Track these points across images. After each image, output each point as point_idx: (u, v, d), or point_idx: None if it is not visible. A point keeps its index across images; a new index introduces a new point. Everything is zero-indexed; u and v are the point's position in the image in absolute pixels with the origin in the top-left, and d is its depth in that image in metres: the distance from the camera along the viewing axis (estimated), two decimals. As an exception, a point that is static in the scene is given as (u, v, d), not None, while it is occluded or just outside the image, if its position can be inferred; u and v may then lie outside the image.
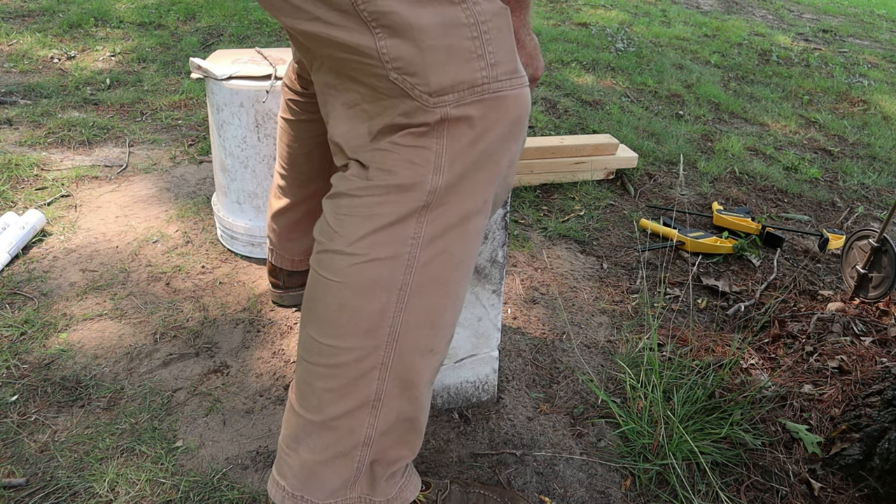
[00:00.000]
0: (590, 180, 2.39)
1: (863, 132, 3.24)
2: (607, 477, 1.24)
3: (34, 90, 2.74)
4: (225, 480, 1.17)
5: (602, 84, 3.49)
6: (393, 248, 0.83)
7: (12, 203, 1.94)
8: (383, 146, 0.82)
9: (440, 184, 0.82)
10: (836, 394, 1.43)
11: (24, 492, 1.12)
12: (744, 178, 2.60)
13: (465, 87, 0.79)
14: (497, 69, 0.80)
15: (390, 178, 0.82)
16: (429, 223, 0.83)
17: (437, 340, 0.89)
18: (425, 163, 0.81)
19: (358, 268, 0.83)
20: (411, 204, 0.82)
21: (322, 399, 0.87)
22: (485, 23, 0.78)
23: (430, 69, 0.77)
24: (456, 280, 0.87)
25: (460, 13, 0.77)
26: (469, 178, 0.83)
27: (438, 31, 0.76)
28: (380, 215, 0.82)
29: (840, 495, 1.22)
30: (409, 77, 0.78)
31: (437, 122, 0.80)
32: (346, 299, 0.84)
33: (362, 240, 0.83)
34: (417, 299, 0.85)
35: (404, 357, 0.86)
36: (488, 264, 1.22)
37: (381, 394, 0.87)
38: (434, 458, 1.24)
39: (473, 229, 0.86)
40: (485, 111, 0.80)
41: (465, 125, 0.80)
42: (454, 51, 0.77)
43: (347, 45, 0.78)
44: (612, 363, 1.53)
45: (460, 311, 0.93)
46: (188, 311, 1.59)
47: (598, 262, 1.94)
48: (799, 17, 5.92)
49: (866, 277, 1.76)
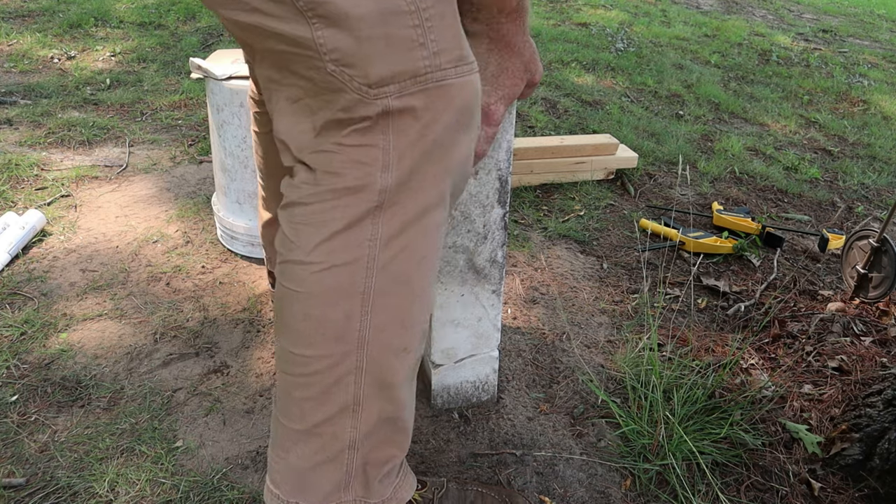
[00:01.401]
0: (590, 180, 2.39)
1: (863, 132, 3.24)
2: (607, 477, 1.24)
3: (34, 90, 2.74)
4: (225, 480, 1.17)
5: (602, 84, 3.49)
6: (350, 253, 0.81)
7: (12, 203, 1.94)
8: (328, 147, 0.79)
9: (390, 181, 0.79)
10: (836, 394, 1.43)
11: (24, 492, 1.12)
12: (744, 178, 2.60)
13: (406, 77, 0.76)
14: (441, 57, 0.77)
15: (338, 181, 0.79)
16: (384, 223, 0.81)
17: (410, 339, 0.88)
18: (373, 161, 0.79)
19: (317, 276, 0.82)
20: (363, 206, 0.80)
21: (303, 408, 0.87)
22: (426, 9, 0.75)
23: (368, 60, 0.75)
24: (420, 276, 0.86)
25: (400, 1, 0.74)
26: (420, 172, 0.81)
27: (377, 20, 0.73)
28: (332, 220, 0.80)
29: (840, 495, 1.22)
30: (348, 69, 0.75)
31: (380, 116, 0.77)
32: (310, 309, 0.83)
33: (318, 247, 0.81)
34: (382, 300, 0.84)
35: (378, 359, 0.86)
36: (488, 264, 1.22)
37: (360, 397, 0.87)
38: (434, 458, 1.24)
39: (433, 223, 0.84)
40: (429, 101, 0.78)
41: (409, 117, 0.78)
42: (394, 40, 0.74)
43: (285, 36, 0.75)
44: (612, 363, 1.53)
45: (431, 306, 0.92)
46: (188, 311, 1.59)
47: (598, 262, 1.94)
48: (799, 17, 5.92)
49: (866, 277, 1.76)
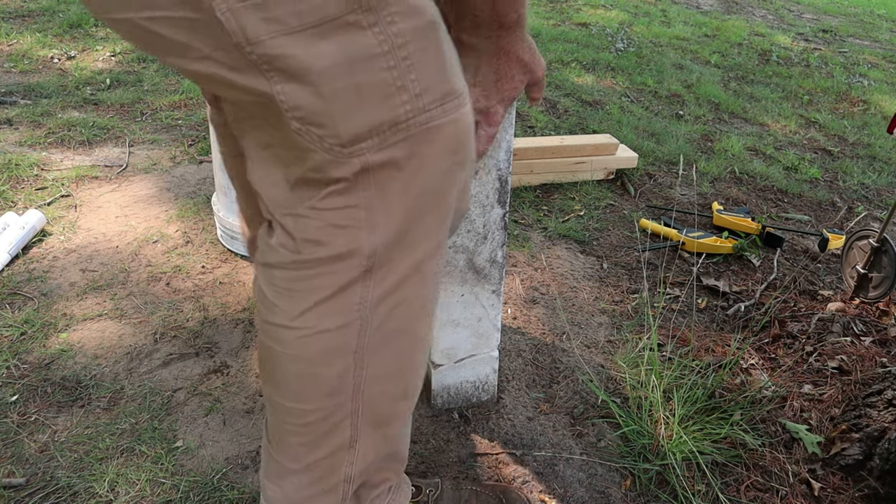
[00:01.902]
0: (590, 180, 2.39)
1: (863, 132, 3.24)
2: (607, 477, 1.24)
3: (34, 90, 2.74)
4: (225, 480, 1.17)
5: (602, 84, 3.49)
6: (341, 318, 0.75)
7: (12, 203, 1.94)
8: (304, 212, 0.71)
9: (379, 242, 0.72)
10: (836, 394, 1.43)
11: (24, 492, 1.12)
12: (744, 178, 2.60)
13: (385, 127, 0.67)
14: (424, 98, 0.68)
15: (321, 251, 0.72)
16: (376, 285, 0.74)
17: (409, 385, 0.85)
18: (356, 223, 0.70)
19: (307, 340, 0.76)
20: (352, 272, 0.73)
21: (298, 451, 0.85)
22: (403, 46, 0.65)
23: (338, 118, 0.65)
24: (422, 324, 0.81)
25: (371, 39, 0.63)
26: (414, 225, 0.73)
27: (343, 71, 0.63)
28: (318, 288, 0.73)
29: (840, 495, 1.22)
30: (315, 128, 0.66)
31: (358, 174, 0.68)
32: (301, 369, 0.79)
33: (306, 314, 0.75)
34: (379, 355, 0.79)
35: (373, 405, 0.83)
36: (488, 264, 1.22)
37: (356, 437, 0.84)
38: (434, 458, 1.24)
39: (430, 272, 0.78)
40: (415, 148, 0.69)
41: (392, 169, 0.69)
42: (366, 90, 0.65)
43: (245, 89, 0.65)
44: (612, 363, 1.53)
45: (430, 343, 0.88)
46: (188, 311, 1.59)
47: (598, 262, 1.94)
48: (799, 17, 5.91)
49: (866, 277, 1.76)
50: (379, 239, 0.72)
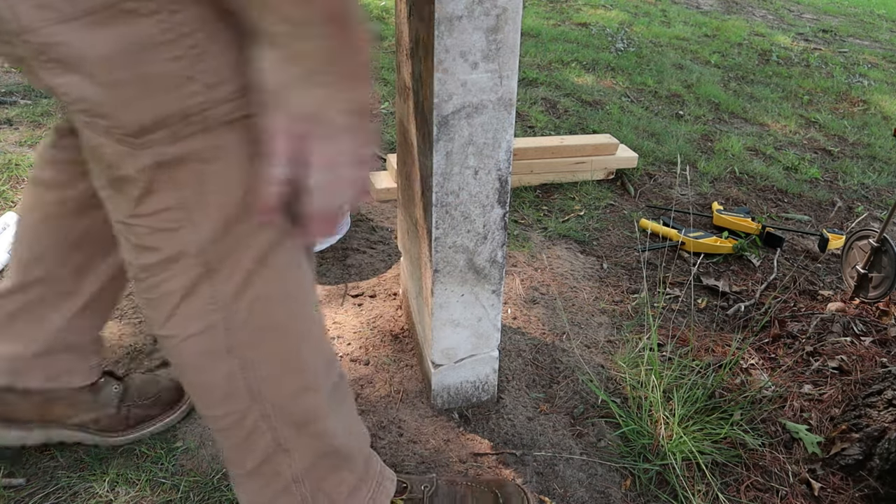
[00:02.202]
0: (590, 180, 2.39)
1: (863, 132, 3.24)
2: (607, 477, 1.24)
3: (34, 90, 2.73)
4: (225, 480, 1.17)
5: (602, 84, 3.49)
6: (200, 322, 0.75)
7: (12, 203, 1.94)
8: (129, 220, 0.71)
9: (204, 239, 0.70)
10: (836, 394, 1.43)
11: (24, 492, 1.12)
12: (744, 178, 2.60)
13: (175, 119, 0.64)
14: (219, 90, 0.64)
15: (153, 255, 0.72)
16: (223, 283, 0.73)
17: (307, 378, 0.83)
18: (177, 224, 0.69)
19: (181, 347, 0.77)
20: (191, 273, 0.72)
21: (235, 457, 0.86)
22: (189, 34, 0.61)
23: (121, 108, 0.63)
24: (291, 318, 0.79)
25: (152, 28, 0.60)
26: (238, 219, 0.71)
27: (124, 60, 0.60)
28: (169, 294, 0.74)
29: (840, 495, 1.22)
30: (101, 119, 0.64)
31: (156, 169, 0.66)
32: (190, 377, 0.81)
33: (169, 321, 0.76)
34: (257, 352, 0.78)
35: (281, 405, 0.82)
36: (488, 264, 1.22)
37: (280, 440, 0.84)
38: (434, 458, 1.24)
39: (280, 264, 0.75)
40: (217, 141, 0.67)
41: (196, 163, 0.67)
42: (150, 79, 0.62)
43: (42, 82, 0.64)
44: (612, 363, 1.53)
45: (320, 336, 0.86)
46: (188, 311, 1.58)
47: (598, 262, 1.94)
48: (799, 17, 5.92)
49: (866, 277, 1.76)
50: (203, 236, 0.70)
